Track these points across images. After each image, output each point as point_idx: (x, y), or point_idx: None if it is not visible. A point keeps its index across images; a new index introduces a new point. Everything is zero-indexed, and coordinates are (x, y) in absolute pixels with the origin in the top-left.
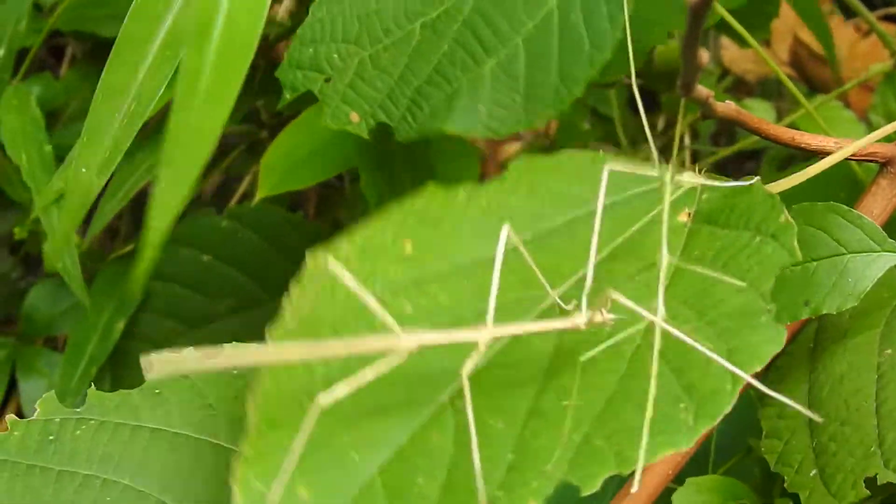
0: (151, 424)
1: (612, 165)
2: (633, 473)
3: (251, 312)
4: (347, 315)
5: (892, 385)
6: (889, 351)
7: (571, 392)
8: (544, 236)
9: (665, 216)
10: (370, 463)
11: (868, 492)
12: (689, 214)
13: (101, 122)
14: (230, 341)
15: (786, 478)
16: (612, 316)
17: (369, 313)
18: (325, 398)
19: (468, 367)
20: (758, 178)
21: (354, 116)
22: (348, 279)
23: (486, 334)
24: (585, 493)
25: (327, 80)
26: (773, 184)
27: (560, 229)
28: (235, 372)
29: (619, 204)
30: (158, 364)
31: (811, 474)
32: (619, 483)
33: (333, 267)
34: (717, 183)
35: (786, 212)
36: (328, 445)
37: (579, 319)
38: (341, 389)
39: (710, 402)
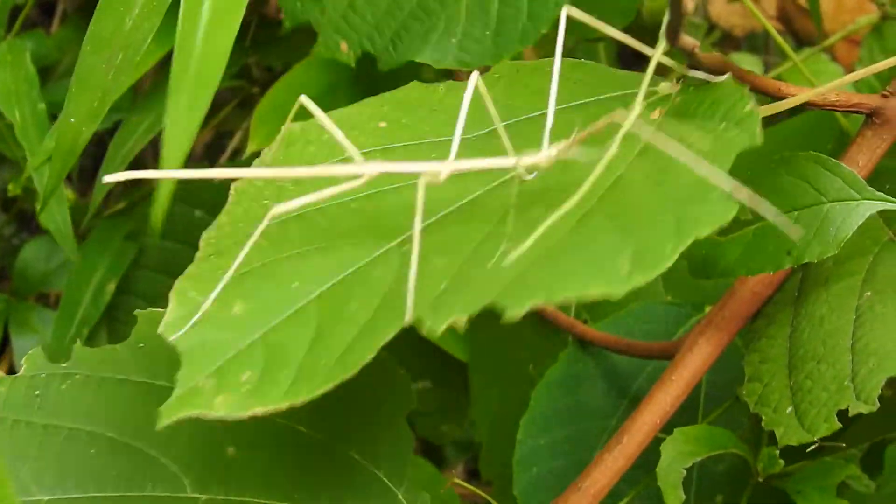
0: (137, 378)
1: (572, 11)
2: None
3: None
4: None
5: (868, 323)
6: (869, 293)
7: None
8: (521, 125)
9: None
10: (309, 291)
11: (840, 424)
12: (661, 112)
13: (90, 73)
14: None
15: (763, 417)
16: (554, 152)
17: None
18: (280, 208)
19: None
20: (728, 74)
21: (344, 46)
22: (315, 110)
23: (446, 167)
24: (508, 317)
25: (323, 12)
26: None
27: (536, 120)
28: None
29: (591, 105)
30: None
31: (787, 412)
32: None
33: (304, 100)
34: (692, 73)
35: (753, 100)
36: (271, 274)
37: (541, 155)
38: (297, 202)
39: (650, 258)
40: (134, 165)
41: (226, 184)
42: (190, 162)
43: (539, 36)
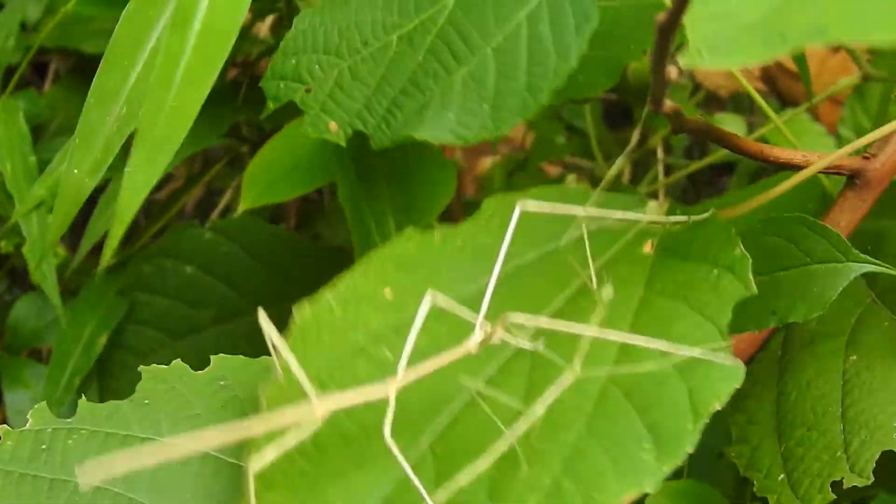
0: (141, 434)
1: (528, 205)
2: None
3: (233, 322)
4: (332, 365)
5: (856, 390)
6: (854, 357)
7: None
8: (515, 274)
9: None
10: None
11: (834, 496)
12: (653, 244)
13: (93, 125)
14: (213, 352)
15: (755, 482)
16: (501, 334)
17: (354, 359)
18: (256, 464)
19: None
20: (712, 210)
21: (333, 125)
22: (287, 353)
23: (392, 386)
24: None
25: (308, 91)
26: (745, 203)
27: (531, 265)
28: (222, 383)
29: (582, 238)
30: (91, 473)
31: (779, 479)
32: None
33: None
34: (674, 219)
35: (740, 244)
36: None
37: (471, 342)
38: (269, 453)
39: (673, 442)
40: None
41: (215, 238)
42: (182, 218)
43: (539, 108)
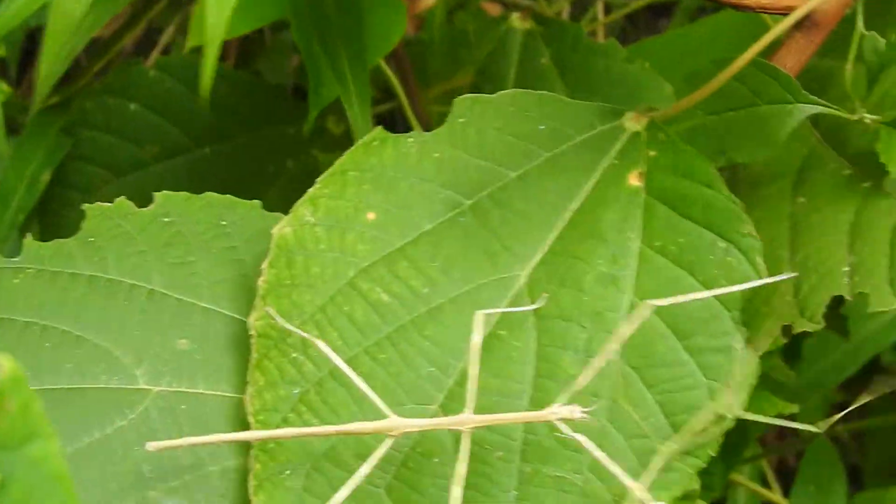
0: (88, 272)
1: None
2: None
3: (177, 159)
4: (325, 301)
5: (805, 233)
6: (802, 200)
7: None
8: (499, 194)
9: None
10: None
11: (784, 339)
12: (641, 175)
13: None
14: (157, 188)
15: None
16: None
17: (348, 298)
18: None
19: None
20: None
21: None
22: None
23: (466, 427)
24: None
25: None
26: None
27: (513, 184)
28: (167, 219)
29: (562, 155)
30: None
31: None
32: None
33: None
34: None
35: (750, 224)
36: None
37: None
38: (341, 495)
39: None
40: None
41: (159, 76)
42: (123, 57)
43: None
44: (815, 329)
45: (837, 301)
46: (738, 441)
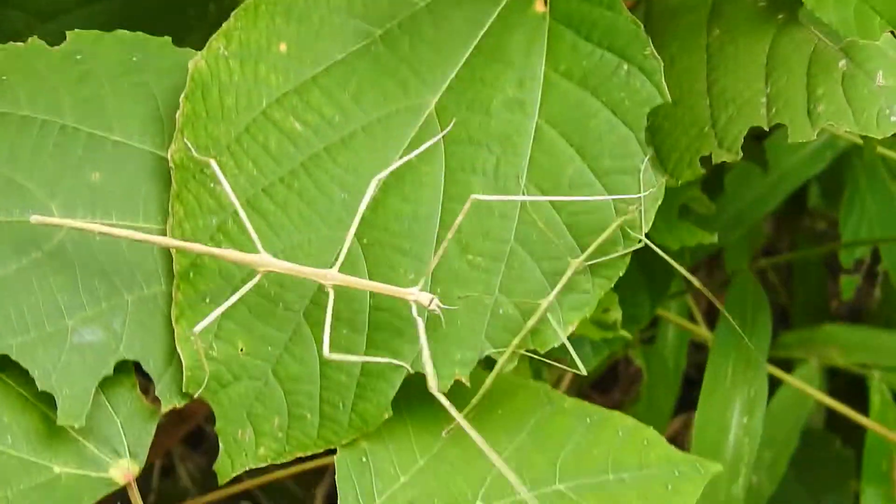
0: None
1: None
2: None
3: (99, 4)
4: (239, 130)
5: (721, 66)
6: (717, 31)
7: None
8: (409, 23)
9: None
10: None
11: (703, 170)
12: (546, 2)
13: None
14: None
15: None
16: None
17: (262, 127)
18: (199, 327)
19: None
20: None
21: None
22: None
23: (330, 281)
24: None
25: None
26: None
27: (422, 13)
28: (78, 57)
29: None
30: None
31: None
32: None
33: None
34: None
35: (651, 45)
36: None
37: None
38: (210, 317)
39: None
40: None
41: None
42: None
43: None
44: (733, 160)
45: (759, 134)
46: (663, 276)
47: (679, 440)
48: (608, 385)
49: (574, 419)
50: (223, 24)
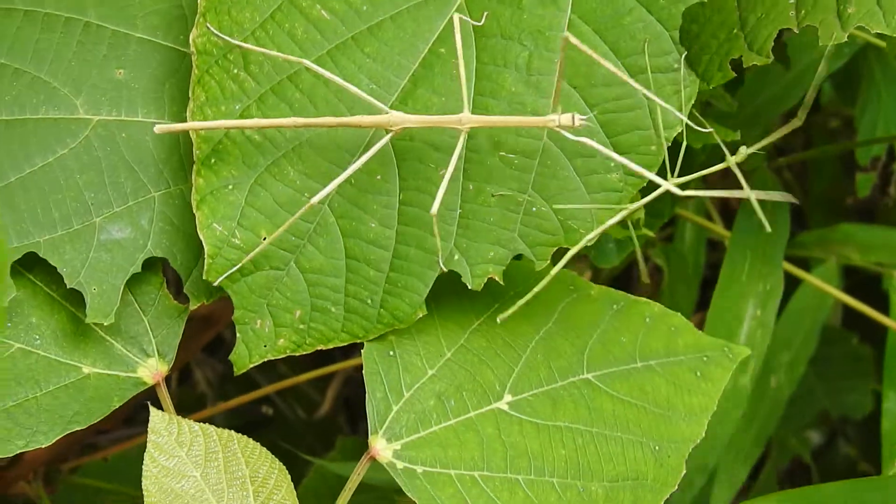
0: (23, 7)
1: None
2: None
3: None
4: (263, 16)
5: None
6: None
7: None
8: None
9: None
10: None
11: (734, 73)
12: None
13: None
14: None
15: None
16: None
17: (288, 14)
18: (316, 198)
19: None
20: None
21: None
22: None
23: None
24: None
25: None
26: None
27: None
28: None
29: None
30: None
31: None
32: None
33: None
34: None
35: None
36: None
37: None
38: (331, 186)
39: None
40: None
41: None
42: None
43: None
44: (763, 63)
45: (779, 31)
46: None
47: None
48: (625, 284)
49: (601, 306)
50: None
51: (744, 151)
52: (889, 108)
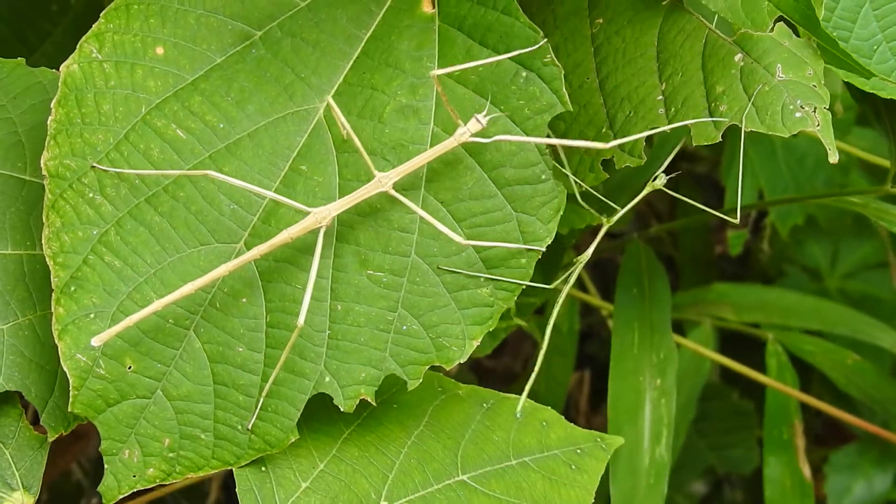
0: None
1: None
2: None
3: None
4: (118, 138)
5: (610, 59)
6: (601, 21)
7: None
8: (290, 24)
9: None
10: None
11: (606, 175)
12: (434, 3)
13: None
14: None
15: None
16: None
17: (143, 135)
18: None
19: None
20: None
21: None
22: None
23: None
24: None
25: None
26: None
27: (303, 13)
28: None
29: None
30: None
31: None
32: None
33: None
34: None
35: (551, 52)
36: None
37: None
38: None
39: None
40: None
41: None
42: None
43: None
44: (637, 164)
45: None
46: (553, 253)
47: (573, 395)
48: (497, 350)
49: (470, 405)
50: (93, 26)
51: (662, 178)
52: (755, 160)
